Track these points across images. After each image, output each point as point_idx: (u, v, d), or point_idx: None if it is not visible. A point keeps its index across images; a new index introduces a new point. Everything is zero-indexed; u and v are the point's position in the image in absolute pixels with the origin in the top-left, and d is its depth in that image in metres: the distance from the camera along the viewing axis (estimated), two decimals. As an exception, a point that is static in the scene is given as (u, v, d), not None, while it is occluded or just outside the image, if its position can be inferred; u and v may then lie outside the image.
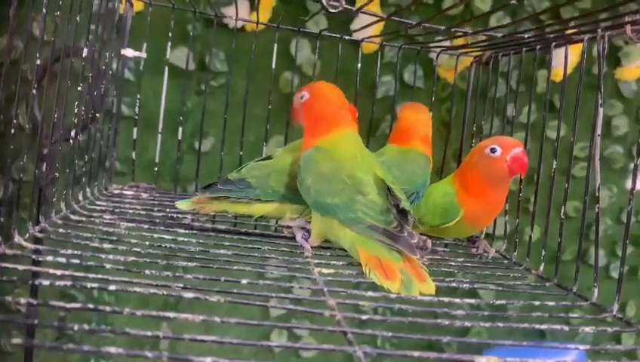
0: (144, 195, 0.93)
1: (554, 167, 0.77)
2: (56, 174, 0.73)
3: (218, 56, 1.14)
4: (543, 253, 0.76)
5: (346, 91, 0.99)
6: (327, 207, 0.67)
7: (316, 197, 0.68)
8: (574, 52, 0.75)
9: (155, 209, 0.83)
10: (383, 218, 0.64)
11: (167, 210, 0.82)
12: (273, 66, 1.01)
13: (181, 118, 1.02)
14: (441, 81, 1.17)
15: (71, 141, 0.76)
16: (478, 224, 0.81)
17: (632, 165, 0.64)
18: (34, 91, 0.61)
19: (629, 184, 1.29)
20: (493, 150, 0.75)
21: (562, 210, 0.73)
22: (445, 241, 0.88)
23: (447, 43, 1.02)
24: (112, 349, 0.37)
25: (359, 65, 1.02)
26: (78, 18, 0.70)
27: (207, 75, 1.06)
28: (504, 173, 0.74)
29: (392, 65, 1.06)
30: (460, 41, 1.00)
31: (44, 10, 0.61)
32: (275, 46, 1.00)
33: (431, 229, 0.81)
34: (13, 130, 0.58)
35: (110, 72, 0.92)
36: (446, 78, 1.17)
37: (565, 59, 0.76)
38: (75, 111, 0.75)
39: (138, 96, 1.00)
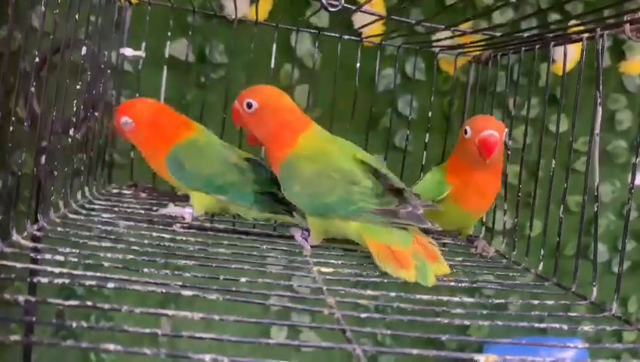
0: (142, 195, 0.93)
1: (553, 163, 0.76)
2: (55, 172, 0.72)
3: (218, 49, 1.13)
4: (542, 251, 0.76)
5: (346, 85, 0.98)
6: (324, 208, 0.67)
7: (310, 202, 0.68)
8: (576, 47, 0.75)
9: (154, 208, 0.83)
10: (384, 200, 0.64)
11: (165, 209, 0.81)
12: (272, 66, 1.01)
13: (179, 114, 1.02)
14: (443, 74, 1.17)
15: (69, 139, 0.76)
16: (467, 206, 0.78)
17: (633, 160, 0.63)
18: (32, 89, 0.61)
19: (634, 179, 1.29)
20: (466, 131, 0.74)
21: (561, 209, 0.73)
22: (444, 241, 0.87)
23: (448, 41, 1.02)
24: (111, 346, 0.37)
25: (358, 64, 1.02)
26: (77, 16, 0.70)
27: (207, 68, 1.05)
28: (474, 154, 0.72)
29: (393, 57, 1.05)
30: (461, 39, 1.00)
31: (42, 4, 0.60)
32: (274, 45, 1.00)
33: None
34: (11, 128, 0.58)
35: (109, 71, 0.91)
36: (448, 71, 1.17)
37: (564, 57, 0.76)
38: (74, 108, 0.75)
39: (137, 95, 1.00)
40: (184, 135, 0.80)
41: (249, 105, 0.70)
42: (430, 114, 1.03)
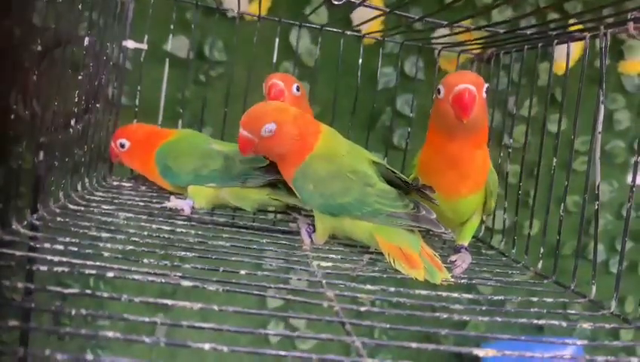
0: (143, 187, 0.93)
1: (554, 163, 0.76)
2: (55, 163, 0.72)
3: (217, 45, 1.13)
4: (542, 250, 0.76)
5: (345, 82, 0.97)
6: (338, 208, 0.67)
7: (324, 201, 0.67)
8: (576, 45, 0.75)
9: (154, 201, 0.83)
10: (400, 203, 0.64)
11: (166, 202, 0.81)
12: (274, 60, 1.00)
13: (180, 110, 1.02)
14: (442, 72, 1.17)
15: (71, 130, 0.76)
16: (433, 180, 0.66)
17: (633, 160, 0.63)
18: (34, 77, 0.61)
19: (630, 179, 1.29)
20: (439, 91, 0.63)
21: (562, 208, 0.73)
22: (444, 238, 0.87)
23: (450, 39, 1.02)
24: (110, 334, 0.37)
25: (360, 60, 1.01)
26: (80, 7, 0.70)
27: (206, 65, 1.05)
28: (449, 117, 0.62)
29: (393, 56, 1.05)
30: (462, 37, 1.00)
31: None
32: (277, 40, 0.99)
33: None
34: (12, 116, 0.58)
35: (111, 63, 0.91)
36: (447, 69, 1.16)
37: (567, 56, 0.76)
38: (76, 100, 0.75)
39: (138, 87, 1.00)
40: (161, 141, 0.84)
41: (269, 130, 0.67)
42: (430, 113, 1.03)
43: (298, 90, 0.82)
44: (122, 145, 0.86)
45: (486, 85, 0.63)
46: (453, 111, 0.62)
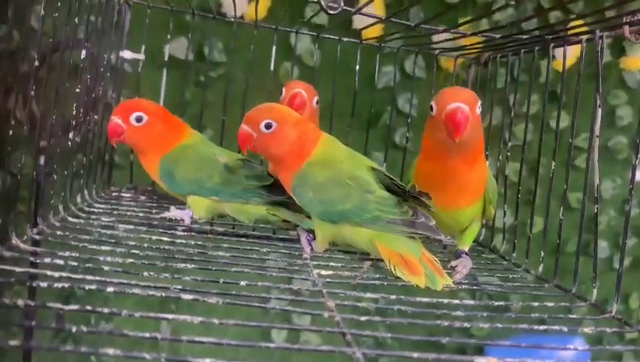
0: (142, 198, 0.93)
1: (553, 165, 0.76)
2: (55, 176, 0.72)
3: (216, 47, 1.12)
4: (542, 254, 0.76)
5: (345, 83, 0.97)
6: (338, 215, 0.66)
7: (324, 208, 0.67)
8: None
9: (154, 211, 0.83)
10: (399, 210, 0.64)
11: (166, 212, 0.81)
12: (272, 68, 1.00)
13: (180, 113, 1.02)
14: (443, 71, 1.16)
15: (69, 143, 0.76)
16: (432, 189, 0.65)
17: (633, 159, 0.63)
18: (32, 92, 0.61)
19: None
20: (431, 108, 0.64)
21: (561, 211, 0.73)
22: (444, 243, 0.87)
23: (447, 43, 1.02)
24: (110, 350, 0.37)
25: (358, 67, 1.01)
26: (76, 19, 0.70)
27: (205, 66, 1.04)
28: (442, 134, 0.62)
29: (393, 55, 1.04)
30: (458, 41, 1.00)
31: (41, 6, 0.60)
32: (274, 47, 0.99)
33: None
34: (11, 132, 0.58)
35: (108, 74, 0.91)
36: (447, 68, 1.16)
37: (564, 58, 0.76)
38: (74, 112, 0.75)
39: (135, 96, 1.00)
40: (172, 144, 0.79)
41: (268, 126, 0.67)
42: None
43: (317, 103, 0.84)
44: (139, 119, 0.76)
45: (479, 102, 0.63)
46: (445, 129, 0.62)
